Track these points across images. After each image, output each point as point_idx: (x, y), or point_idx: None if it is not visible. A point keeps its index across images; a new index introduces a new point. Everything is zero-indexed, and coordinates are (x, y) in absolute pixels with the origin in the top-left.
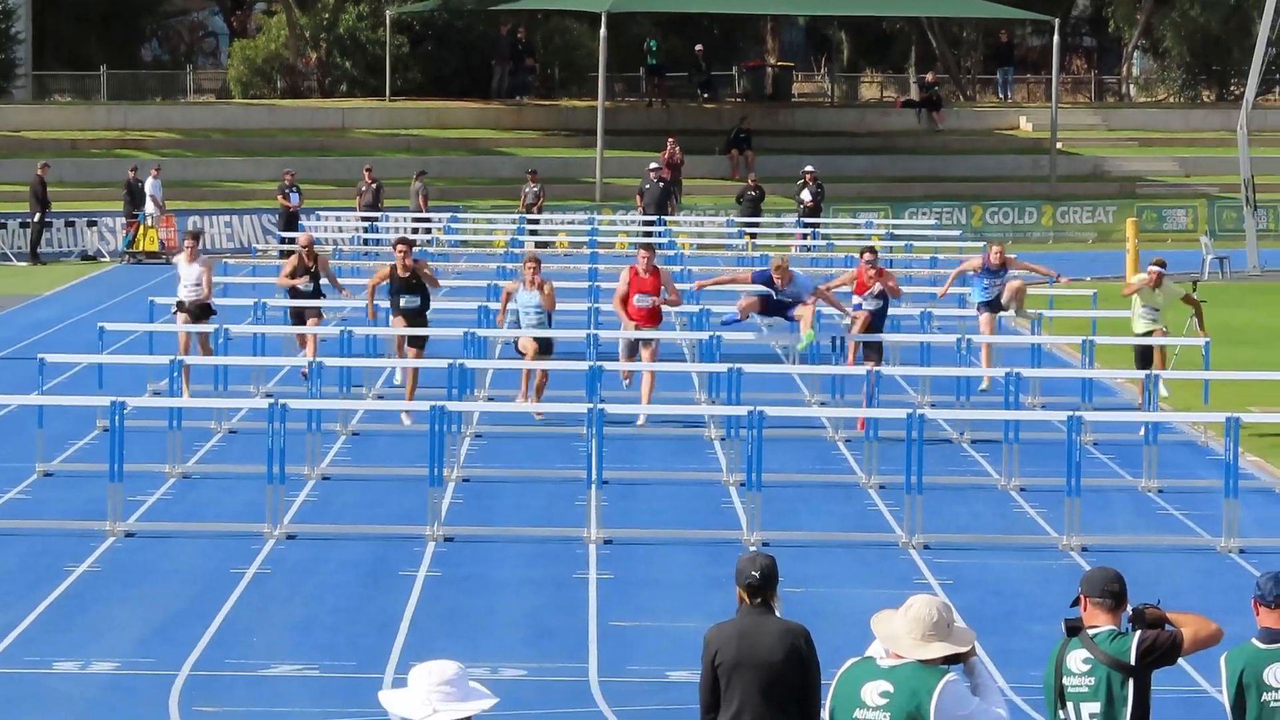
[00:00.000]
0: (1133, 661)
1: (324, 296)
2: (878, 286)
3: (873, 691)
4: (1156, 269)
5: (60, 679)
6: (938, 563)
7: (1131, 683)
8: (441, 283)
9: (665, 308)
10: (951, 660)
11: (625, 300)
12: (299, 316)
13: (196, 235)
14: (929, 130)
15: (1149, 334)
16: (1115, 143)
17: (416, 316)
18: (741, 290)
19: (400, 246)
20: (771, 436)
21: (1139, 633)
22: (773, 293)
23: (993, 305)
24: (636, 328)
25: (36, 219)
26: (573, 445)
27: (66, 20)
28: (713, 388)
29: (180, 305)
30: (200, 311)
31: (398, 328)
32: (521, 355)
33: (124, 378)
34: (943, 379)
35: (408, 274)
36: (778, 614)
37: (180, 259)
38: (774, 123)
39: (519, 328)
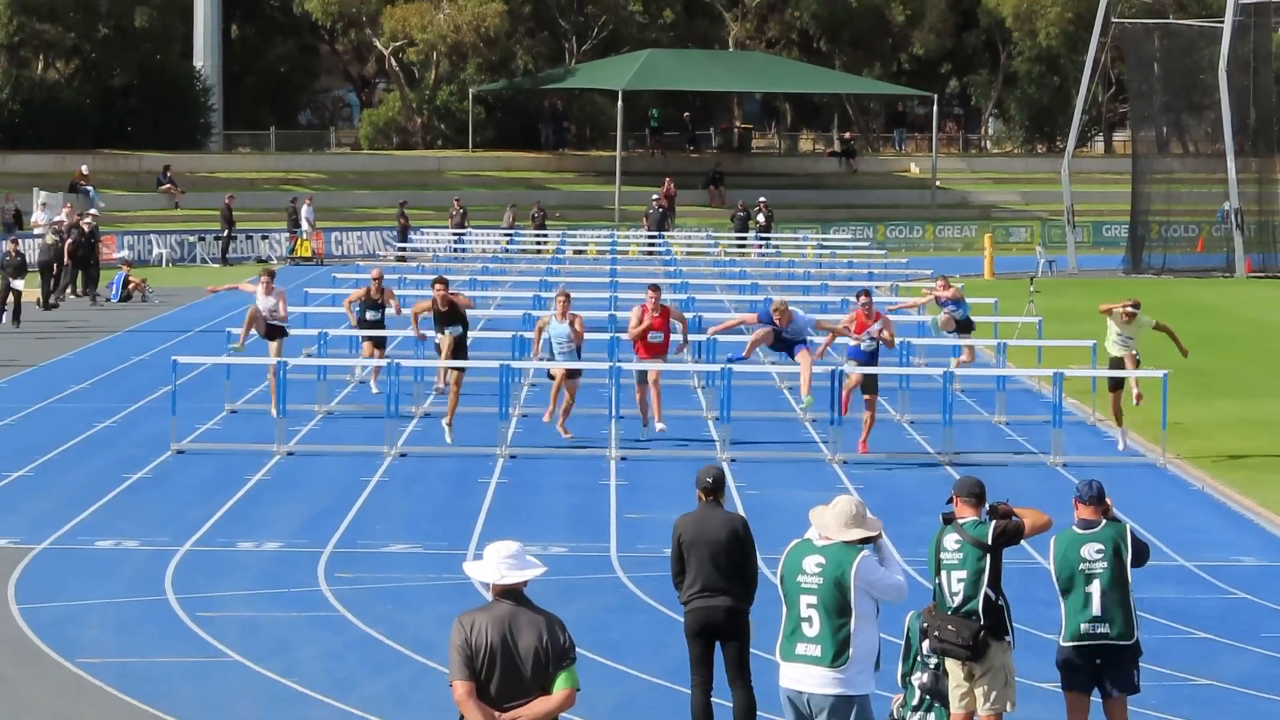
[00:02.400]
0: (989, 542)
1: (386, 327)
2: (876, 326)
3: (810, 562)
4: (1131, 309)
5: (241, 554)
6: (853, 473)
7: (988, 557)
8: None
9: (675, 336)
10: (865, 541)
11: (639, 333)
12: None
13: (272, 272)
14: (847, 172)
15: (1120, 360)
16: (976, 181)
17: (458, 344)
18: (748, 329)
19: (438, 285)
20: (737, 386)
21: (994, 522)
22: (777, 330)
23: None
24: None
25: (225, 234)
26: (598, 392)
27: (247, 96)
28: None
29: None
30: (274, 331)
31: (443, 355)
32: (552, 378)
33: (290, 343)
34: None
35: (446, 308)
36: (724, 507)
37: (259, 289)
38: (739, 167)
39: (552, 356)
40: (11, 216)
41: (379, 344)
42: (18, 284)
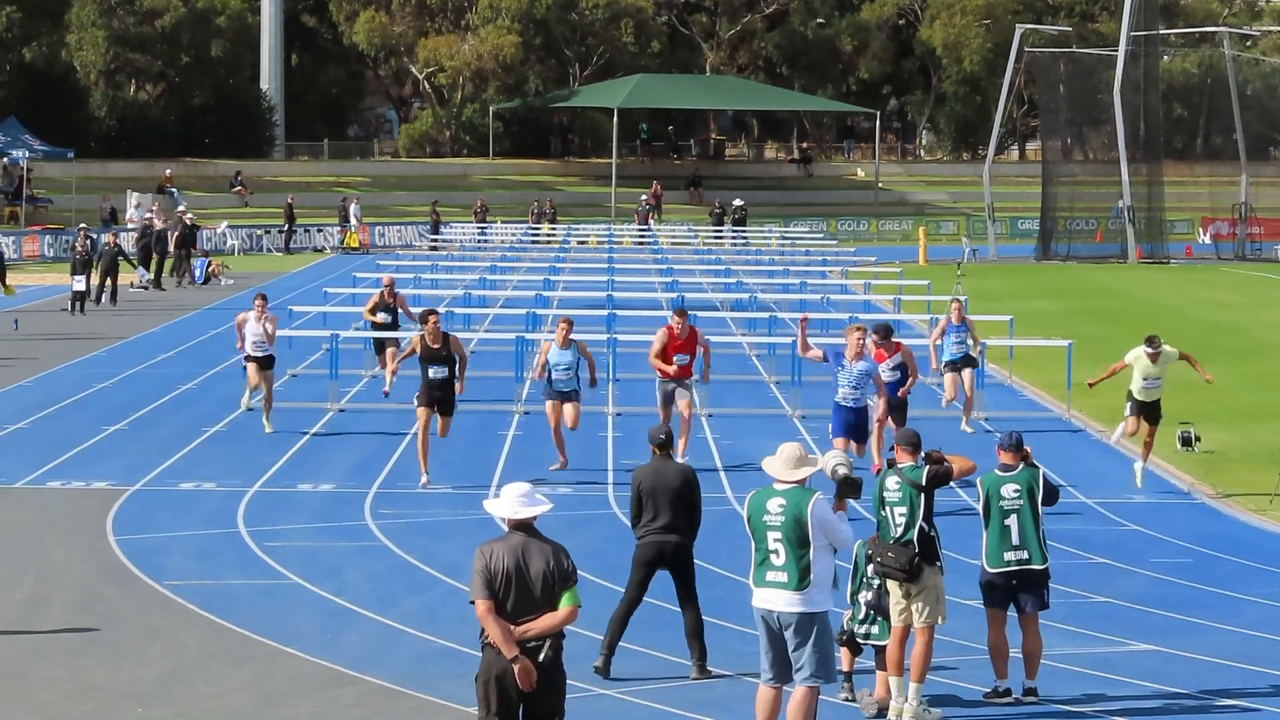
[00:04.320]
0: (923, 483)
1: (400, 329)
2: (898, 357)
3: (774, 503)
4: (1150, 349)
5: (301, 494)
6: (810, 425)
7: (922, 496)
8: (467, 351)
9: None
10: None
11: (662, 356)
12: (380, 345)
13: (264, 297)
14: (804, 176)
15: (1150, 404)
16: (912, 183)
17: (444, 386)
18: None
19: (431, 317)
20: (714, 354)
21: (928, 466)
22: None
23: (958, 363)
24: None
25: (287, 228)
26: (598, 358)
27: (305, 113)
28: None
29: (249, 357)
30: (267, 361)
31: (425, 399)
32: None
33: (337, 319)
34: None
35: (438, 345)
36: (674, 459)
37: (249, 315)
38: (714, 171)
39: (550, 383)
40: (108, 214)
41: (443, 409)
42: (137, 270)
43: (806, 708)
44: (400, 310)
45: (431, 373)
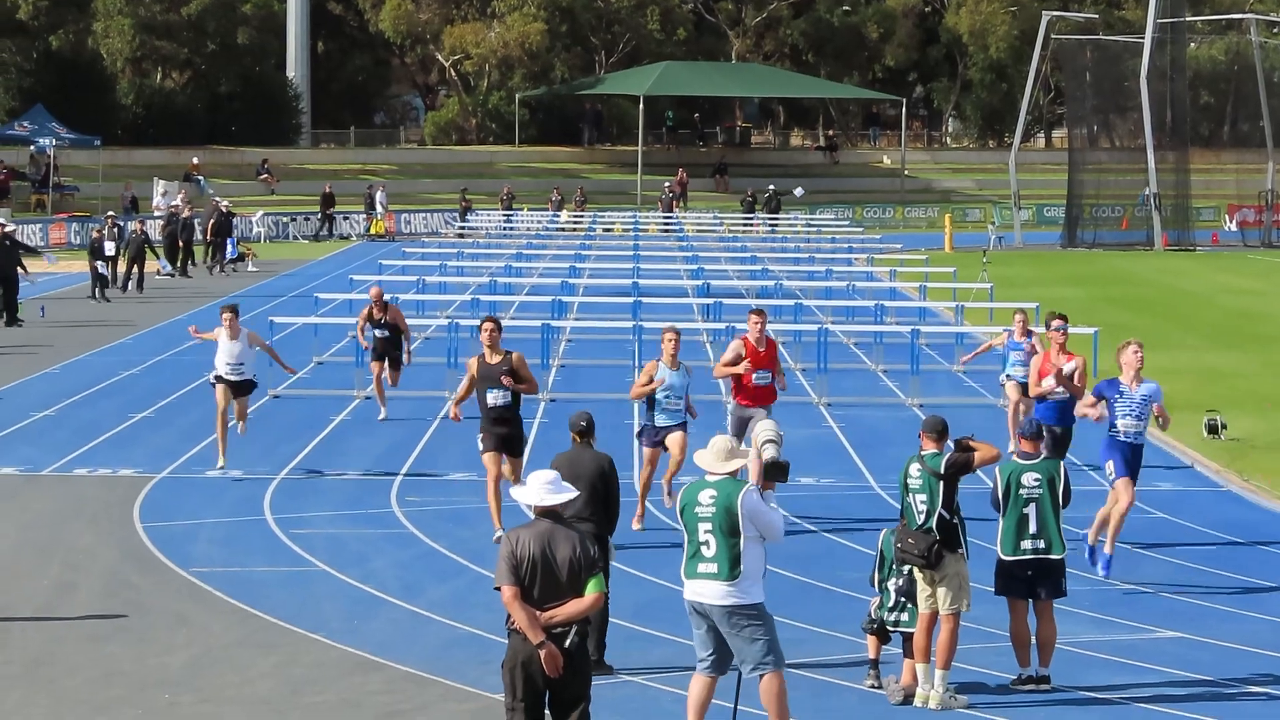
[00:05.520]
0: (942, 471)
1: (400, 349)
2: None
3: (705, 495)
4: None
5: (326, 481)
6: (835, 414)
7: (941, 484)
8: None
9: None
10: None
11: (733, 369)
12: (380, 355)
13: (234, 309)
14: (831, 163)
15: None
16: (938, 170)
17: (510, 419)
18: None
19: (487, 325)
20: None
21: (947, 455)
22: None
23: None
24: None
25: (324, 215)
26: (624, 346)
27: (331, 101)
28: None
29: (220, 379)
30: (241, 388)
31: (490, 441)
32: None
33: (364, 306)
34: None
35: (497, 360)
36: (594, 448)
37: (221, 334)
38: (740, 159)
39: (651, 414)
40: (130, 202)
41: (391, 362)
42: (159, 261)
43: (776, 694)
44: (396, 325)
45: (492, 399)
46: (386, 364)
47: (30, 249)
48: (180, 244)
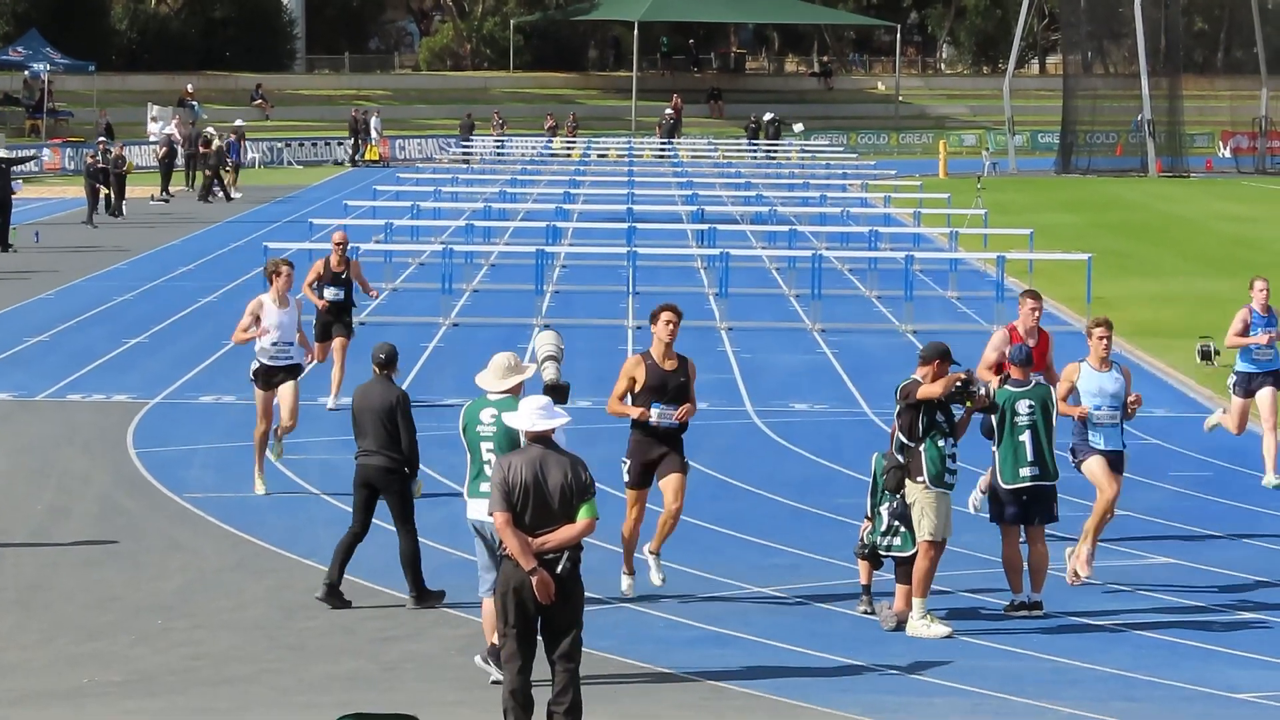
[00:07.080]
0: (897, 398)
1: (355, 307)
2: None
3: (486, 414)
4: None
5: (320, 407)
6: (830, 340)
7: (896, 409)
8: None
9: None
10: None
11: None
12: (326, 332)
13: (289, 263)
14: (825, 89)
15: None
16: (932, 97)
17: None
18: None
19: (667, 316)
20: (734, 267)
21: (901, 384)
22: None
23: (1257, 379)
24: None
25: (354, 140)
26: (618, 272)
27: (326, 26)
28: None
29: (263, 371)
30: (289, 372)
31: (636, 472)
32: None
33: (358, 232)
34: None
35: (673, 368)
36: (393, 381)
37: (267, 304)
38: (735, 85)
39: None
40: (104, 129)
41: (344, 329)
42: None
43: None
44: (355, 283)
45: (656, 416)
46: (333, 342)
47: (21, 159)
48: (186, 171)
